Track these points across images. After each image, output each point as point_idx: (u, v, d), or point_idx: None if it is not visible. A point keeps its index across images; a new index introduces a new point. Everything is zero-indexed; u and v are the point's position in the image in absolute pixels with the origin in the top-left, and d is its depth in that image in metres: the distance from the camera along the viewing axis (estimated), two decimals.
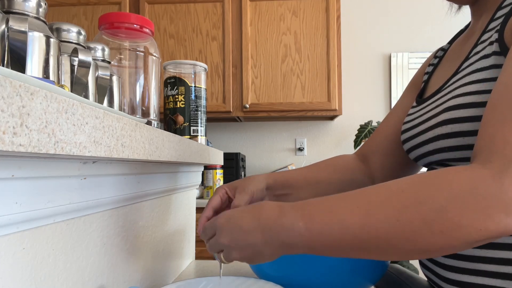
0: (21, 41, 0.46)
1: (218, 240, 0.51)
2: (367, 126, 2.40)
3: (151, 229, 0.73)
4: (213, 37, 2.39)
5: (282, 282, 0.65)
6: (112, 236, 0.57)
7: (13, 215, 0.35)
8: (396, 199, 0.42)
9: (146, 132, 0.52)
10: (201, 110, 0.95)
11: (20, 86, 0.27)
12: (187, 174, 0.96)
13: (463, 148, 0.53)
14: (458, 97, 0.54)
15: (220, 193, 0.65)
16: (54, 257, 0.43)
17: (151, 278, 0.73)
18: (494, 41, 0.52)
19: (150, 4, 2.42)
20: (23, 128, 0.27)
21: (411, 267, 2.07)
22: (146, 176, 0.67)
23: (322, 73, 2.36)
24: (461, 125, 0.53)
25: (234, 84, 2.40)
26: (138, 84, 0.85)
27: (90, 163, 0.47)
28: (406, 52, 2.65)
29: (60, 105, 0.32)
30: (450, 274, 0.57)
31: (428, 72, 0.75)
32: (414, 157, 0.67)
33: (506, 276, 0.51)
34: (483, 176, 0.40)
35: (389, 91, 2.68)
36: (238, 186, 0.65)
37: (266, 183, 0.69)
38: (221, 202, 0.64)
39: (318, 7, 2.37)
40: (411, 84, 0.81)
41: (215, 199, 0.64)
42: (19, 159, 0.35)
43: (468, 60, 0.58)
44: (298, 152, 2.70)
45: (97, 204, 0.51)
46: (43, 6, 0.52)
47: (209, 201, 0.63)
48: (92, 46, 0.69)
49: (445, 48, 0.75)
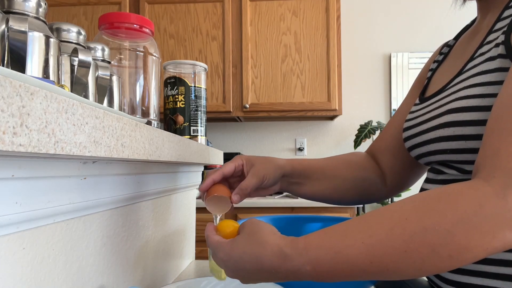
0: (21, 41, 0.46)
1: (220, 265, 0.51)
2: (367, 126, 2.39)
3: (151, 229, 0.73)
4: (213, 37, 2.39)
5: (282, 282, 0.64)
6: (112, 236, 0.57)
7: (13, 215, 0.35)
8: (401, 229, 0.41)
9: (146, 132, 0.52)
10: (201, 110, 0.95)
11: (20, 86, 0.27)
12: (187, 174, 0.96)
13: (465, 151, 0.53)
14: (461, 99, 0.54)
15: (236, 163, 0.65)
16: (54, 257, 0.43)
17: (151, 278, 0.73)
18: (500, 43, 0.51)
19: (150, 4, 2.42)
20: (23, 128, 0.27)
21: None
22: (146, 176, 0.67)
23: (322, 73, 2.36)
24: (464, 128, 0.52)
25: (234, 84, 2.40)
26: (138, 84, 0.85)
27: (90, 163, 0.47)
28: (406, 52, 2.65)
29: (60, 105, 0.32)
30: (449, 274, 0.57)
31: (432, 68, 0.75)
32: (415, 156, 0.67)
33: (505, 277, 0.51)
34: (487, 195, 0.40)
35: (389, 91, 2.68)
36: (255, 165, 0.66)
37: (283, 172, 0.69)
38: (233, 171, 0.65)
39: (318, 7, 2.37)
40: (416, 81, 0.81)
41: (229, 166, 0.64)
42: (19, 159, 0.35)
43: (473, 60, 0.57)
44: (298, 152, 2.70)
45: (97, 204, 0.51)
46: (43, 6, 0.52)
47: (223, 166, 0.64)
48: (92, 46, 0.69)
49: (451, 44, 0.74)
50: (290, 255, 0.45)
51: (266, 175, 0.66)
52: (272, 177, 0.67)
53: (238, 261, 0.48)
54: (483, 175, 0.42)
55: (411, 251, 0.41)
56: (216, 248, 0.51)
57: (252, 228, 0.50)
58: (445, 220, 0.40)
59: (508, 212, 0.39)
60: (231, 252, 0.49)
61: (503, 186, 0.39)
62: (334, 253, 0.43)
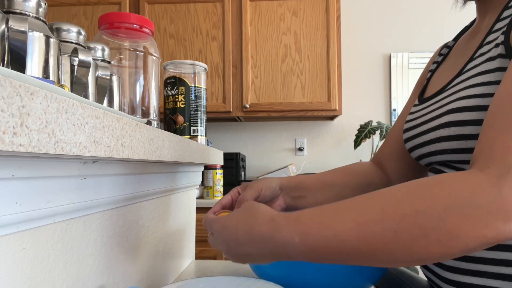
0: (21, 41, 0.46)
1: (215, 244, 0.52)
2: (367, 126, 2.39)
3: (151, 229, 0.73)
4: (213, 37, 2.39)
5: (282, 282, 0.65)
6: (112, 236, 0.57)
7: (13, 215, 0.35)
8: (393, 210, 0.42)
9: (146, 132, 0.52)
10: (201, 110, 0.95)
11: (20, 86, 0.27)
12: (187, 174, 0.96)
13: (465, 151, 0.53)
14: (461, 100, 0.54)
15: (232, 193, 0.67)
16: (54, 257, 0.43)
17: (151, 278, 0.73)
18: (500, 43, 0.51)
19: (150, 4, 2.42)
20: (23, 128, 0.27)
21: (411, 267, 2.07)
22: (146, 176, 0.67)
23: (322, 73, 2.36)
24: (464, 128, 0.52)
25: (234, 84, 2.40)
26: (138, 84, 0.85)
27: (90, 163, 0.47)
28: (406, 52, 2.65)
29: (60, 105, 0.32)
30: (450, 274, 0.57)
31: (432, 70, 0.75)
32: (416, 157, 0.67)
33: (506, 277, 0.51)
34: (481, 183, 0.40)
35: (389, 91, 2.68)
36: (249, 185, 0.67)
37: (279, 183, 0.70)
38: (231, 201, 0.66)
39: (318, 7, 2.37)
40: (417, 84, 0.81)
41: (226, 198, 0.66)
42: (19, 159, 0.35)
43: (473, 61, 0.57)
44: (298, 152, 2.70)
45: (97, 204, 0.51)
46: (43, 6, 0.52)
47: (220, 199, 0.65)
48: (92, 46, 0.69)
49: (450, 45, 0.74)
50: (280, 225, 0.46)
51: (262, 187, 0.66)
52: (268, 188, 0.67)
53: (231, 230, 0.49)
54: (479, 165, 0.42)
55: (401, 231, 0.40)
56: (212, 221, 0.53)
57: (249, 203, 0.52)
58: (437, 204, 0.40)
59: (501, 202, 0.38)
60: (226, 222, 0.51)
61: (497, 176, 0.39)
62: (324, 227, 0.44)
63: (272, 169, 2.69)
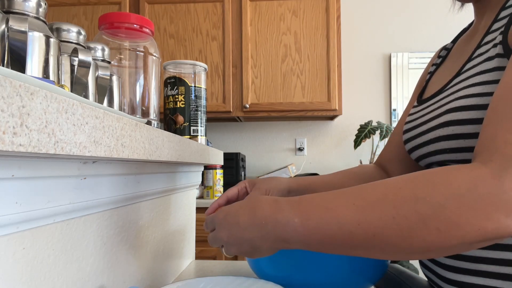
0: (21, 41, 0.46)
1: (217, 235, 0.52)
2: (367, 126, 2.39)
3: (151, 229, 0.73)
4: (213, 37, 2.39)
5: (282, 282, 0.65)
6: (112, 236, 0.57)
7: (13, 215, 0.35)
8: (393, 196, 0.42)
9: (146, 132, 0.52)
10: (201, 110, 0.95)
11: (20, 86, 0.27)
12: (187, 174, 0.96)
13: (464, 150, 0.53)
14: (460, 99, 0.54)
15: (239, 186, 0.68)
16: (54, 257, 0.43)
17: (151, 278, 0.73)
18: (498, 43, 0.52)
19: (150, 4, 2.42)
20: (23, 128, 0.27)
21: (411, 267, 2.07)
22: (146, 176, 0.67)
23: (322, 73, 2.36)
24: (463, 127, 0.53)
25: (234, 84, 2.40)
26: (138, 84, 0.85)
27: (90, 163, 0.47)
28: (406, 52, 2.65)
29: (60, 105, 0.32)
30: (450, 274, 0.57)
31: (431, 72, 0.75)
32: (415, 157, 0.67)
33: (506, 276, 0.51)
34: (483, 175, 0.40)
35: (389, 91, 2.68)
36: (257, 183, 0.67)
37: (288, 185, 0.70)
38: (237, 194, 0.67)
39: (318, 7, 2.37)
40: (417, 86, 0.82)
41: (232, 190, 0.66)
42: (19, 159, 0.35)
43: (471, 61, 0.57)
44: (298, 152, 2.70)
45: (97, 204, 0.51)
46: (43, 6, 0.52)
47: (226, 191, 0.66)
48: (92, 46, 0.69)
49: (449, 48, 0.75)
50: (282, 205, 0.47)
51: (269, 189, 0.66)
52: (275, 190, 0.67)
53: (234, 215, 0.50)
54: (480, 159, 0.42)
55: (400, 217, 0.40)
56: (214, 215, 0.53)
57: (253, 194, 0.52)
58: (437, 193, 0.40)
59: (503, 194, 0.38)
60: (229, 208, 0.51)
61: (500, 168, 0.39)
62: (324, 209, 0.44)
63: (272, 169, 2.69)
